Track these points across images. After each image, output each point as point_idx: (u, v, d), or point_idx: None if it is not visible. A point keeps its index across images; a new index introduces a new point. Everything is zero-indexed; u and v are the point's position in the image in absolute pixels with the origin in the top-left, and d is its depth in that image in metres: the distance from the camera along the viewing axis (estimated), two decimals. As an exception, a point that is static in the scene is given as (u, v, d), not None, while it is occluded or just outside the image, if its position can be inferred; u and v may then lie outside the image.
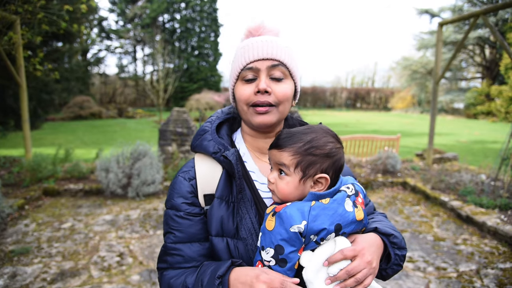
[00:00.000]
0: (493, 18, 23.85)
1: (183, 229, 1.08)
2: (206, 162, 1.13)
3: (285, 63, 1.07)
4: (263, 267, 0.94)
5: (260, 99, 1.05)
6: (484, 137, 15.68)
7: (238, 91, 1.09)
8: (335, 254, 0.93)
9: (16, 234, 4.54)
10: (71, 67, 19.41)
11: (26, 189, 6.00)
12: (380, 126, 20.48)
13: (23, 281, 3.45)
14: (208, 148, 1.10)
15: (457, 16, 7.38)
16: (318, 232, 0.91)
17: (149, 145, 6.45)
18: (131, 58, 35.91)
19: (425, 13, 29.90)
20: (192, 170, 1.13)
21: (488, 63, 29.21)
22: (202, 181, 1.10)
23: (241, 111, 1.11)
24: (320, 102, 41.55)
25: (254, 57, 1.06)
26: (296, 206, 0.94)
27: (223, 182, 1.08)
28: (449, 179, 6.53)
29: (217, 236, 1.05)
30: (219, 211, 1.05)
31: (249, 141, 1.19)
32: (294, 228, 0.90)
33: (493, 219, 4.77)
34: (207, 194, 1.09)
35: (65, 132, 15.57)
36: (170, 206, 1.11)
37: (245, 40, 1.13)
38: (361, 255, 0.96)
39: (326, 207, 0.94)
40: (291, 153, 0.99)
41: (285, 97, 1.07)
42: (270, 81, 1.06)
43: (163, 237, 1.12)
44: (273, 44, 1.07)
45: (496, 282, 3.51)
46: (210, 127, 1.16)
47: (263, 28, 1.13)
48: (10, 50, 6.10)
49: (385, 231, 1.08)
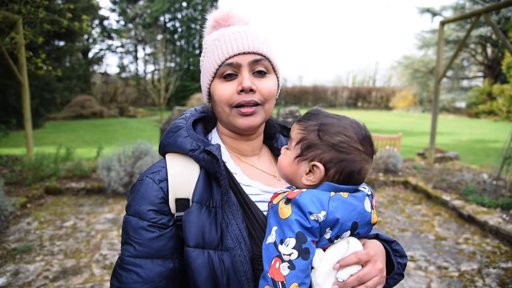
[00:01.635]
0: (495, 16, 23.78)
1: (145, 243, 0.89)
2: (180, 162, 0.97)
3: (268, 57, 0.97)
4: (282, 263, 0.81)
5: (245, 99, 0.93)
6: (485, 136, 15.65)
7: (217, 91, 0.96)
8: (349, 256, 0.84)
9: (19, 232, 4.55)
10: (72, 66, 19.45)
11: (28, 187, 6.02)
12: (381, 125, 20.46)
13: (25, 279, 3.46)
14: (185, 145, 0.95)
15: (459, 14, 7.36)
16: (335, 224, 0.82)
17: (150, 144, 6.46)
18: (132, 57, 35.96)
19: (426, 12, 29.83)
20: (162, 171, 0.96)
21: (490, 62, 29.14)
22: (175, 183, 0.93)
23: (221, 112, 0.98)
24: (321, 101, 41.44)
25: (234, 51, 0.93)
26: (312, 194, 0.84)
27: (202, 184, 0.93)
28: (451, 178, 6.52)
29: (196, 247, 0.87)
30: (199, 218, 0.89)
31: (228, 143, 1.07)
32: (314, 216, 0.81)
33: (495, 218, 4.77)
34: (180, 198, 0.93)
35: (66, 131, 15.60)
36: (133, 213, 0.92)
37: (217, 31, 1.00)
38: (374, 261, 0.86)
39: (346, 201, 0.85)
40: (300, 128, 0.92)
41: (271, 94, 0.97)
42: (253, 77, 0.95)
43: (121, 247, 0.94)
44: (254, 36, 0.96)
45: (497, 281, 3.51)
46: (185, 123, 1.02)
47: (232, 17, 1.01)
48: (12, 49, 6.12)
49: (387, 238, 1.01)
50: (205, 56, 1.00)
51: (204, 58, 1.01)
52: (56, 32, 8.09)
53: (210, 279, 0.86)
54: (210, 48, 0.98)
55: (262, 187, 1.01)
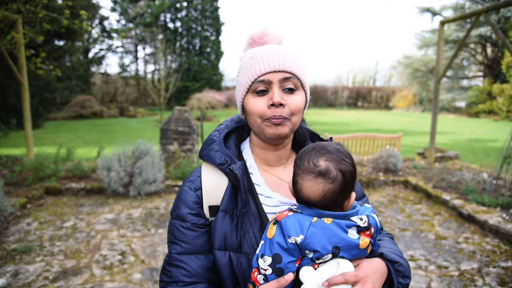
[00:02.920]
0: (495, 16, 23.76)
1: (189, 240, 1.06)
2: (212, 173, 1.11)
3: (297, 75, 1.05)
4: (259, 275, 0.93)
5: (275, 114, 1.02)
6: (485, 136, 15.65)
7: (250, 104, 1.06)
8: (337, 276, 0.91)
9: (19, 233, 4.55)
10: (72, 66, 19.43)
11: (28, 188, 6.02)
12: (382, 125, 20.45)
13: (25, 280, 3.46)
14: (215, 159, 1.08)
15: (459, 14, 7.36)
16: (313, 251, 0.90)
17: (150, 144, 6.46)
18: (132, 57, 35.94)
19: (426, 12, 29.80)
20: (198, 180, 1.11)
21: (489, 62, 29.12)
22: (208, 192, 1.08)
23: (253, 124, 1.07)
24: (321, 101, 41.50)
25: (265, 69, 1.02)
26: (296, 218, 0.92)
27: (228, 195, 1.05)
28: (451, 178, 6.52)
29: (219, 249, 1.02)
30: (222, 224, 1.03)
31: (257, 153, 1.17)
32: (291, 239, 0.89)
33: (495, 217, 4.77)
34: (212, 205, 1.08)
35: (66, 131, 15.61)
36: (176, 216, 1.09)
37: (252, 49, 1.10)
38: (363, 282, 0.92)
39: (327, 227, 0.91)
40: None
41: (298, 109, 1.05)
42: (283, 93, 1.04)
43: (168, 247, 1.11)
44: (284, 55, 1.04)
45: (497, 280, 3.51)
46: (218, 137, 1.13)
47: (267, 35, 1.11)
48: (12, 49, 6.12)
49: (391, 258, 1.04)
50: (240, 72, 1.10)
51: (239, 74, 1.11)
52: (56, 32, 8.09)
53: (232, 275, 1.02)
54: (245, 66, 1.08)
55: (282, 199, 1.11)
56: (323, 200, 0.94)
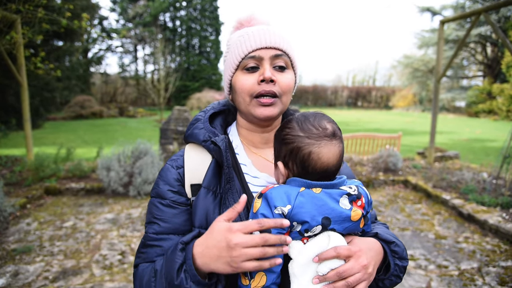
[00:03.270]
0: (495, 15, 23.77)
1: (168, 219, 1.01)
2: (195, 151, 1.08)
3: (288, 53, 1.04)
4: None
5: (265, 89, 0.99)
6: (485, 136, 15.65)
7: (239, 81, 1.03)
8: (328, 250, 0.85)
9: (18, 233, 4.55)
10: (72, 66, 19.42)
11: (28, 188, 6.02)
12: (381, 124, 20.46)
13: (25, 280, 3.46)
14: (198, 136, 1.06)
15: (459, 14, 7.36)
16: (302, 218, 0.84)
17: (150, 144, 6.45)
18: (132, 57, 35.92)
19: (426, 11, 29.80)
20: (180, 159, 1.08)
21: (489, 61, 29.12)
22: (190, 170, 1.05)
23: (242, 102, 1.04)
24: (321, 101, 41.49)
25: (257, 45, 1.01)
26: (283, 189, 0.88)
27: (211, 172, 1.02)
28: (451, 178, 6.52)
29: (200, 227, 0.97)
30: (204, 201, 0.99)
31: (243, 135, 1.14)
32: (278, 210, 0.84)
33: (495, 217, 4.77)
34: (194, 184, 1.04)
35: (66, 131, 15.60)
36: (155, 194, 1.05)
37: (242, 29, 1.08)
38: (357, 257, 0.87)
39: (316, 196, 0.87)
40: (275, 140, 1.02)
41: (289, 88, 1.04)
42: (274, 71, 1.02)
43: (145, 228, 1.05)
44: (276, 32, 1.04)
45: (497, 280, 3.51)
46: (203, 116, 1.12)
47: (254, 20, 1.10)
48: (11, 49, 6.11)
49: (386, 238, 1.00)
50: (229, 51, 1.08)
51: (227, 54, 1.09)
52: (55, 32, 8.08)
53: None
54: (234, 44, 1.05)
55: (269, 179, 1.08)
56: (339, 163, 0.94)
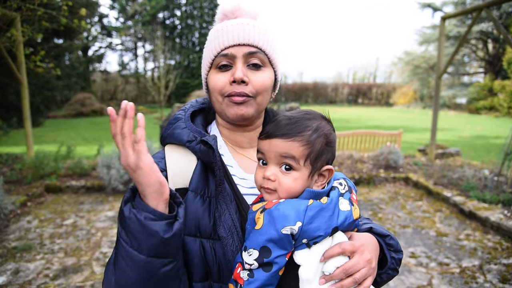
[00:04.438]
0: (496, 11, 23.66)
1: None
2: (178, 153, 0.99)
3: (264, 50, 0.97)
4: (242, 270, 0.83)
5: (236, 90, 0.93)
6: (486, 132, 15.61)
7: (212, 80, 0.97)
8: (333, 247, 0.83)
9: (19, 231, 4.55)
10: (72, 64, 19.40)
11: (28, 186, 6.02)
12: (382, 121, 20.42)
13: (25, 277, 3.46)
14: (182, 137, 0.97)
15: (460, 10, 7.32)
16: (313, 238, 0.80)
17: (150, 141, 6.44)
18: (132, 55, 35.90)
19: (427, 7, 29.67)
20: (162, 162, 0.98)
21: (491, 58, 29.02)
22: (174, 174, 0.96)
23: (215, 102, 0.99)
24: (321, 98, 41.42)
25: (229, 42, 0.95)
26: (290, 204, 0.81)
27: (198, 174, 0.95)
28: (452, 175, 6.50)
29: (189, 235, 0.90)
30: (193, 205, 0.91)
31: (225, 134, 1.07)
32: (286, 230, 0.78)
33: (496, 214, 4.75)
34: (179, 188, 0.95)
35: (66, 129, 15.60)
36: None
37: (220, 23, 1.01)
38: (360, 252, 0.85)
39: (324, 207, 0.82)
40: (302, 143, 0.85)
41: (263, 87, 0.96)
42: (247, 69, 0.96)
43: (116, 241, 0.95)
44: (251, 28, 0.96)
45: (499, 277, 3.50)
46: (184, 115, 1.03)
47: (239, 10, 1.01)
48: (10, 47, 6.09)
49: (380, 232, 0.98)
50: (206, 46, 1.02)
51: (204, 50, 1.03)
52: (55, 30, 8.06)
53: (201, 266, 0.90)
54: (209, 40, 1.00)
55: None
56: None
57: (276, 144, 0.86)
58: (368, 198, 6.08)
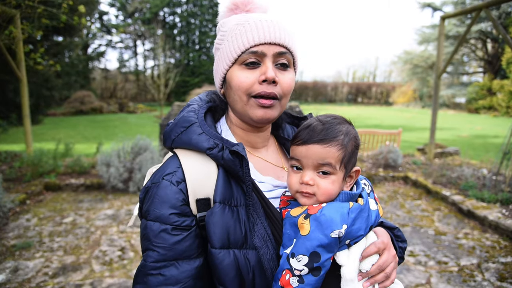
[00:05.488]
0: (495, 11, 23.66)
1: (169, 246, 0.86)
2: (195, 160, 0.92)
3: (292, 51, 0.96)
4: (292, 277, 0.83)
5: (267, 90, 0.90)
6: (485, 132, 15.63)
7: (237, 77, 0.92)
8: (369, 247, 0.88)
9: (18, 229, 4.55)
10: (71, 62, 19.37)
11: (27, 184, 6.02)
12: (381, 120, 20.43)
13: (25, 275, 3.46)
14: (201, 144, 0.90)
15: (460, 9, 7.32)
16: (355, 238, 0.85)
17: (150, 139, 6.44)
18: (132, 52, 35.83)
19: (427, 7, 29.65)
20: (179, 171, 0.91)
21: (490, 58, 29.03)
22: (194, 183, 0.89)
23: (238, 101, 0.94)
24: (321, 97, 41.41)
25: (260, 39, 0.90)
26: (334, 208, 0.84)
27: (223, 183, 0.89)
28: (451, 174, 6.52)
29: (222, 248, 0.85)
30: (223, 218, 0.86)
31: (239, 135, 1.03)
32: (335, 233, 0.80)
33: (495, 213, 4.77)
34: (200, 198, 0.90)
35: (66, 127, 15.57)
36: (154, 218, 0.87)
37: (239, 15, 0.97)
38: (388, 248, 0.91)
39: (362, 208, 0.87)
40: (338, 148, 0.88)
41: (290, 88, 0.96)
42: (276, 69, 0.93)
43: (142, 253, 0.91)
44: (281, 27, 0.94)
45: (497, 276, 3.51)
46: (197, 118, 0.95)
47: (251, 3, 0.99)
48: (10, 44, 6.08)
49: (390, 225, 1.04)
50: (224, 39, 0.96)
51: (222, 42, 0.97)
52: (54, 27, 8.05)
53: (237, 278, 0.86)
54: (232, 33, 0.94)
55: (274, 182, 1.02)
56: None
57: (314, 151, 0.89)
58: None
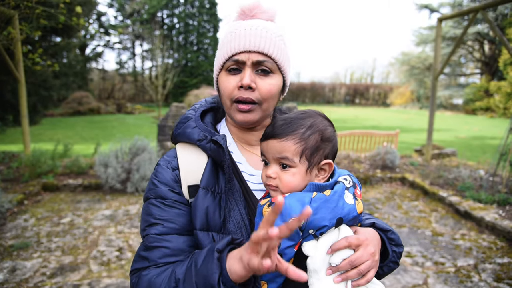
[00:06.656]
0: (492, 13, 23.78)
1: (172, 218, 0.96)
2: (189, 151, 1.03)
3: (273, 57, 0.98)
4: None
5: (243, 95, 0.96)
6: (482, 133, 15.70)
7: (222, 83, 1.00)
8: (340, 241, 0.88)
9: (16, 229, 4.54)
10: (69, 62, 19.33)
11: (25, 184, 6.00)
12: (379, 122, 20.48)
13: (22, 276, 3.46)
14: (192, 136, 1.01)
15: (457, 11, 7.37)
16: (318, 228, 0.85)
17: (147, 140, 6.44)
18: (130, 53, 35.78)
19: (424, 8, 29.77)
20: (174, 160, 1.03)
21: (487, 59, 29.17)
22: (186, 171, 1.00)
23: (225, 104, 1.03)
24: (319, 98, 41.49)
25: (239, 48, 0.96)
26: (296, 197, 0.87)
27: (209, 172, 0.98)
28: (448, 175, 6.55)
29: (201, 230, 0.94)
30: (204, 202, 0.95)
31: (235, 132, 1.11)
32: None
33: (491, 214, 4.79)
34: (191, 185, 0.99)
35: (64, 127, 15.53)
36: (155, 195, 0.99)
37: (235, 22, 1.02)
38: (365, 245, 0.89)
39: (328, 199, 0.87)
40: (295, 142, 0.91)
41: (270, 94, 0.98)
42: (256, 75, 0.97)
43: (142, 234, 0.99)
44: (262, 34, 0.97)
45: (493, 276, 3.53)
46: (194, 115, 1.06)
47: (257, 8, 1.03)
48: (8, 45, 6.07)
49: (382, 227, 1.03)
50: (219, 46, 1.04)
51: (218, 48, 1.05)
52: (53, 28, 8.04)
53: None
54: (224, 40, 1.01)
55: None
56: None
57: (272, 145, 0.93)
58: (364, 198, 6.11)
